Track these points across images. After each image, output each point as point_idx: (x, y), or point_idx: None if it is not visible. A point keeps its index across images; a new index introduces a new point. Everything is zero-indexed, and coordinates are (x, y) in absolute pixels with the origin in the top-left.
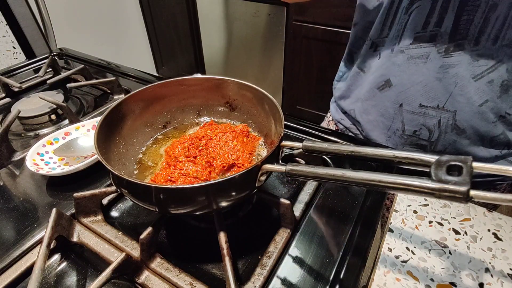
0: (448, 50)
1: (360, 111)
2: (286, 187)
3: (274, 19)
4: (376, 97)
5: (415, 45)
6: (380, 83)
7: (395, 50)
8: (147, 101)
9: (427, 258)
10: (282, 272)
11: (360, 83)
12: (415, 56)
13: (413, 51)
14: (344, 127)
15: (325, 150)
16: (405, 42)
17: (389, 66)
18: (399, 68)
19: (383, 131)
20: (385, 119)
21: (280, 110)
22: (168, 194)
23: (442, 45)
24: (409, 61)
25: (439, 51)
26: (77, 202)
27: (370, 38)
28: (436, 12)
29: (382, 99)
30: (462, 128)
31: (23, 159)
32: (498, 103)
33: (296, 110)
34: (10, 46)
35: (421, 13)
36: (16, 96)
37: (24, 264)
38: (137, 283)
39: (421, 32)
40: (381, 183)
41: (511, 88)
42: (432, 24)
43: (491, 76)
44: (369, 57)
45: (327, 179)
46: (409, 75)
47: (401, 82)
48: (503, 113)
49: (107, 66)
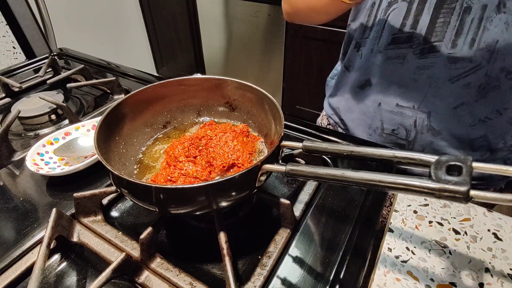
0: (424, 51)
1: (344, 109)
2: (286, 187)
3: (274, 19)
4: (358, 95)
5: (392, 45)
6: (361, 82)
7: (375, 50)
8: (147, 101)
9: (427, 258)
10: (282, 272)
11: (345, 82)
12: (393, 57)
13: (391, 52)
14: (334, 122)
15: (325, 150)
16: (384, 42)
17: (369, 66)
18: (378, 68)
19: (364, 129)
20: (366, 117)
21: (280, 110)
22: (168, 194)
23: (418, 46)
24: (387, 61)
25: (415, 52)
26: (77, 202)
27: (354, 38)
28: (411, 14)
29: (363, 98)
30: (437, 130)
31: (23, 159)
32: (476, 107)
33: (296, 110)
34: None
35: (398, 14)
36: (16, 96)
37: (24, 264)
38: (137, 283)
39: (398, 34)
40: (381, 183)
41: (490, 92)
42: (408, 26)
43: (468, 79)
44: (353, 56)
45: (327, 179)
46: (387, 75)
47: (379, 82)
48: (482, 117)
49: (107, 66)
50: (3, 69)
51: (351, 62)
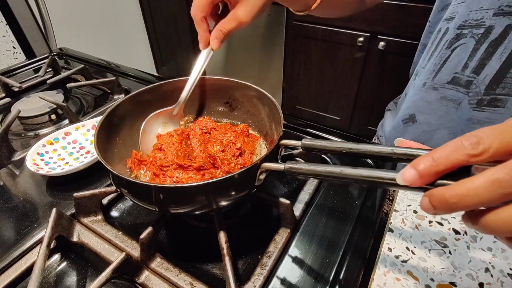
0: (481, 102)
1: (386, 139)
2: (286, 186)
3: (274, 19)
4: (400, 129)
5: (451, 85)
6: (405, 116)
7: (428, 84)
8: (147, 102)
9: (427, 258)
10: (282, 272)
11: (400, 108)
12: (449, 98)
13: (448, 92)
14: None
15: (324, 148)
16: (442, 79)
17: (416, 100)
18: (428, 106)
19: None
20: None
21: (279, 110)
22: (168, 193)
23: (476, 96)
24: (442, 101)
25: (470, 102)
26: (77, 202)
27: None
28: (477, 56)
29: (403, 134)
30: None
31: (23, 159)
32: None
33: (296, 110)
34: (10, 46)
35: (463, 52)
36: (16, 96)
37: (24, 264)
38: (137, 283)
39: (459, 74)
40: (380, 180)
41: None
42: (470, 69)
43: None
44: (411, 84)
45: (326, 176)
46: (438, 116)
47: (427, 121)
48: None
49: (107, 66)
50: (3, 69)
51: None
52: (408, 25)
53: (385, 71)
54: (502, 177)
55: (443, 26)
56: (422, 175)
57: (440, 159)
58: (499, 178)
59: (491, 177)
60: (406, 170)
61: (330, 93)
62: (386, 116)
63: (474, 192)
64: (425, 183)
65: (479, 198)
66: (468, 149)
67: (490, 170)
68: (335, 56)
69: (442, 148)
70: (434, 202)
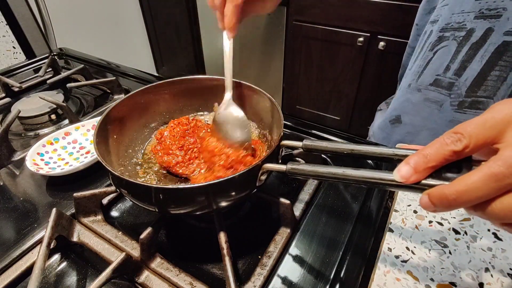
0: (463, 104)
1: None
2: (286, 186)
3: (274, 19)
4: (387, 130)
5: (434, 87)
6: (392, 116)
7: (412, 86)
8: (147, 102)
9: (427, 258)
10: (282, 272)
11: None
12: (432, 100)
13: (431, 94)
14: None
15: (325, 149)
16: (425, 81)
17: (402, 101)
18: (413, 107)
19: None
20: None
21: (279, 110)
22: (167, 194)
23: (457, 98)
24: (425, 103)
25: (452, 103)
26: (77, 202)
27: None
28: (458, 58)
29: (391, 134)
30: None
31: (23, 159)
32: None
33: (296, 110)
34: (10, 46)
35: (445, 54)
36: (16, 96)
37: (24, 264)
38: (137, 283)
39: (441, 76)
40: (382, 181)
41: None
42: (452, 71)
43: None
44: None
45: (328, 177)
46: (422, 117)
47: (412, 122)
48: None
49: (107, 66)
50: (3, 69)
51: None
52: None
53: (385, 71)
54: (497, 170)
55: (428, 29)
56: (417, 170)
57: (430, 155)
58: (494, 172)
59: (487, 171)
60: (402, 166)
61: (330, 93)
62: (377, 117)
63: (472, 188)
64: (420, 178)
65: (477, 192)
66: (451, 146)
67: (485, 165)
68: (335, 56)
69: (430, 146)
70: (434, 199)
